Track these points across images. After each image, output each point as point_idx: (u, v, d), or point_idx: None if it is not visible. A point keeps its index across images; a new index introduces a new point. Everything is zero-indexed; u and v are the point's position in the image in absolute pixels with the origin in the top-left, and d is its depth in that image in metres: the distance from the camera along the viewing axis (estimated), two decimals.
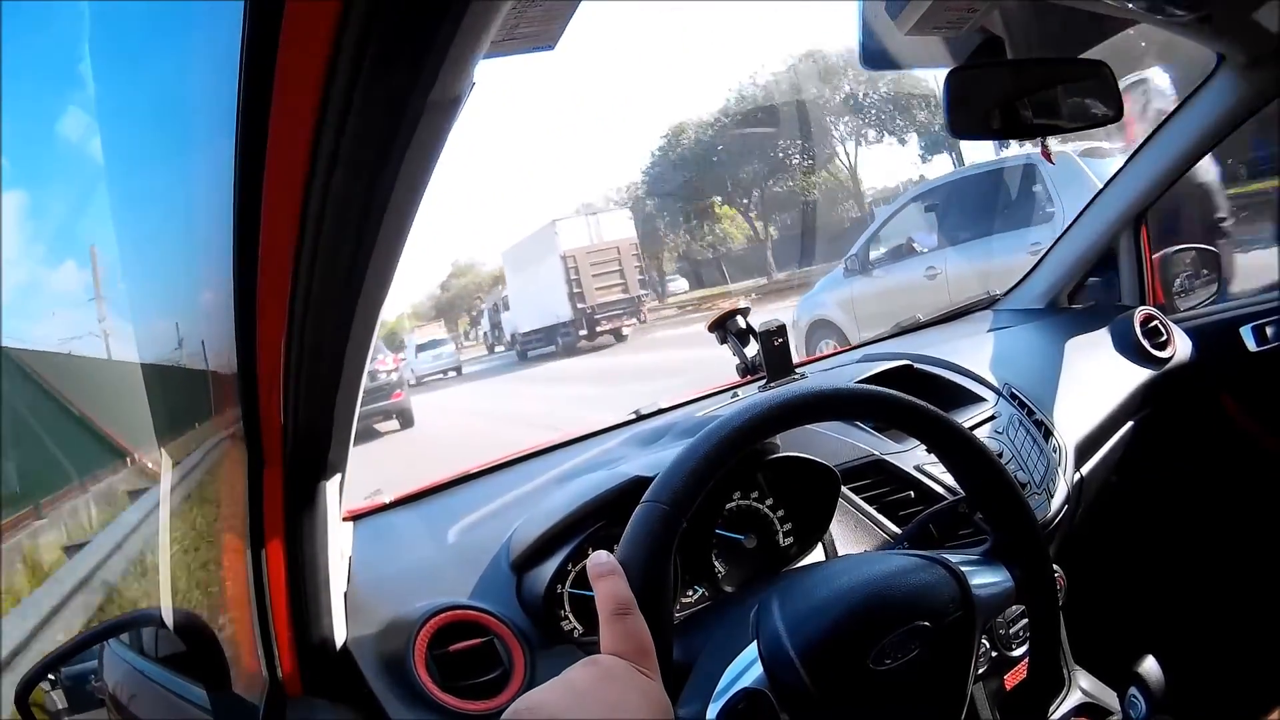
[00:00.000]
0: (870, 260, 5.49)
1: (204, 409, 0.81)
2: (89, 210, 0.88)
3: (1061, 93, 1.03)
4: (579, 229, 16.19)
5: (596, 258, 15.81)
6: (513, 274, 18.94)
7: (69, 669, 0.83)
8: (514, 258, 18.54)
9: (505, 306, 19.63)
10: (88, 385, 0.97)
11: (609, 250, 15.96)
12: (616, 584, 0.44)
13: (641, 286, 16.61)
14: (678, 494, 0.52)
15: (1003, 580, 0.62)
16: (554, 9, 0.62)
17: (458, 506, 0.93)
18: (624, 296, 15.87)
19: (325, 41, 0.33)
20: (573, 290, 15.56)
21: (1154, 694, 0.91)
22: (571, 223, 16.34)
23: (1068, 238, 1.51)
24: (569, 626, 0.77)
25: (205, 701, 0.75)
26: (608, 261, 15.87)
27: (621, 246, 16.19)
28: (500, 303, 20.34)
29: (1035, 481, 1.04)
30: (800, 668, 0.53)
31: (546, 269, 16.08)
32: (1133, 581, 1.42)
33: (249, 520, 0.65)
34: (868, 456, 0.98)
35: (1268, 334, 1.35)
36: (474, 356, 22.38)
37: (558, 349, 16.26)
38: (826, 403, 0.60)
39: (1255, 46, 1.13)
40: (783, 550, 0.86)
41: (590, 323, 15.52)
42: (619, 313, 15.77)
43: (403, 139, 0.37)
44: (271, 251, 0.44)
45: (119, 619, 0.93)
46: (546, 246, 16.21)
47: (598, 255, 15.83)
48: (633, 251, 16.38)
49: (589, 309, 15.49)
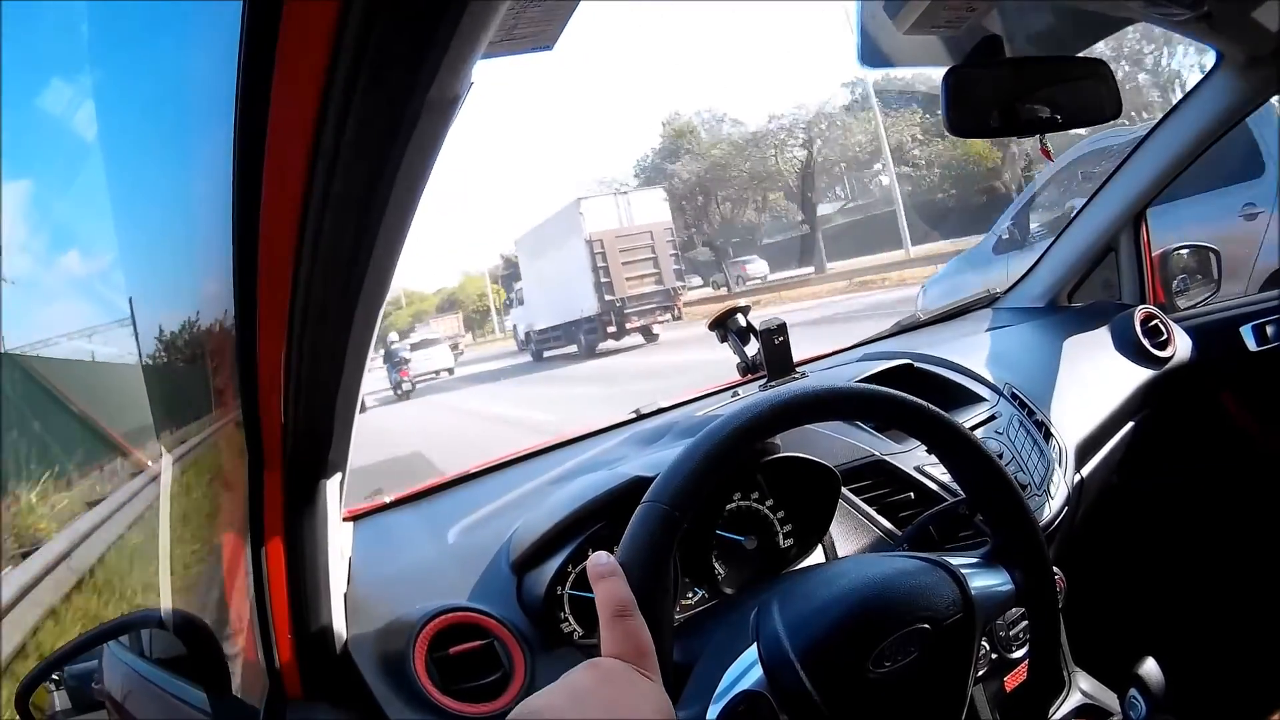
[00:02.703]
0: (1032, 231, 4.51)
1: (204, 409, 0.81)
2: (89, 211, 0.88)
3: (1060, 91, 1.03)
4: (607, 209, 14.24)
5: (627, 242, 13.93)
6: (528, 262, 17.04)
7: (69, 670, 0.83)
8: (531, 243, 16.58)
9: (519, 301, 17.81)
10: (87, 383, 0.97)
11: (641, 234, 14.06)
12: (617, 585, 0.44)
13: (677, 277, 14.62)
14: (678, 494, 0.52)
15: (1003, 583, 0.62)
16: (553, 9, 0.62)
17: (458, 507, 0.93)
18: (658, 288, 13.95)
19: (325, 41, 0.33)
20: (600, 280, 13.66)
21: (1154, 695, 0.91)
22: (599, 202, 14.39)
23: (1067, 236, 1.51)
24: (569, 629, 0.77)
25: (205, 704, 0.75)
26: (640, 247, 14.00)
27: (655, 230, 14.23)
28: (514, 296, 18.46)
29: (1035, 482, 1.04)
30: (800, 670, 0.53)
31: (568, 255, 14.24)
32: (1133, 583, 1.42)
33: (249, 520, 0.65)
34: (868, 457, 0.98)
35: (1268, 333, 1.35)
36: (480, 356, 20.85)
37: (580, 349, 14.48)
38: (828, 402, 0.60)
39: (1254, 45, 1.13)
40: (783, 551, 0.86)
41: (619, 318, 13.70)
42: (651, 307, 13.82)
43: (402, 138, 0.37)
44: (271, 251, 0.44)
45: (119, 620, 0.93)
46: (569, 229, 14.30)
47: (628, 240, 13.94)
48: (667, 237, 14.41)
49: (618, 302, 13.59)
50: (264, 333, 0.50)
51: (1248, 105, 1.22)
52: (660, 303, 13.86)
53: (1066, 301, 1.53)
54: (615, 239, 13.83)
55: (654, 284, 13.92)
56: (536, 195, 51.75)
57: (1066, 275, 1.51)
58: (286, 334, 0.50)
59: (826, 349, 1.39)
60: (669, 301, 14.00)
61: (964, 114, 1.00)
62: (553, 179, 46.35)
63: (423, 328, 27.42)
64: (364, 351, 0.53)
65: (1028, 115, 1.00)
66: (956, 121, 0.99)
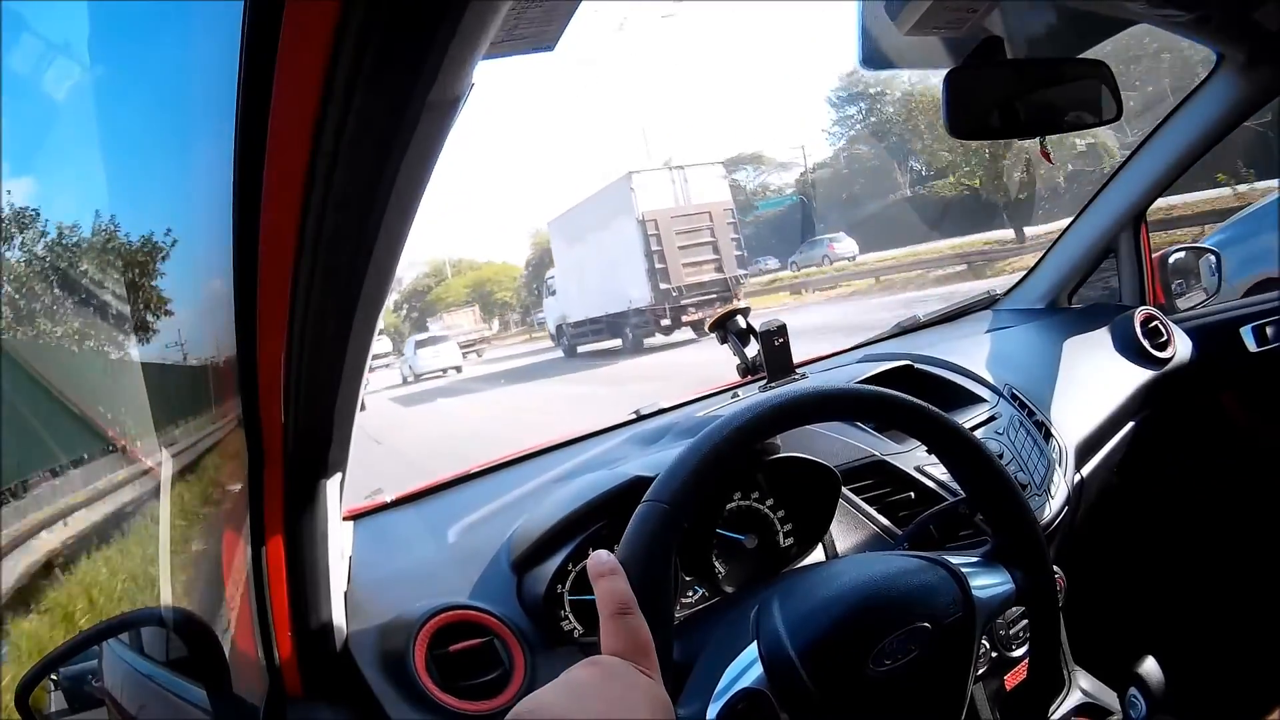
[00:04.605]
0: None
1: (204, 408, 0.81)
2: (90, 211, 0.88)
3: (1061, 92, 1.03)
4: (661, 185, 12.34)
5: (684, 224, 12.15)
6: (564, 248, 14.96)
7: (68, 669, 0.83)
8: (568, 226, 14.58)
9: (549, 291, 16.11)
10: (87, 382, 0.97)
11: (700, 215, 12.26)
12: (616, 583, 0.44)
13: (739, 264, 12.75)
14: (679, 493, 0.52)
15: (1003, 583, 0.62)
16: (553, 9, 0.61)
17: (458, 506, 0.93)
18: (717, 277, 12.24)
19: (325, 42, 0.33)
20: (654, 266, 11.90)
21: (1154, 694, 0.91)
22: (652, 177, 12.42)
23: (1068, 237, 1.51)
24: (569, 627, 0.77)
25: (205, 702, 0.75)
26: (698, 229, 12.22)
27: (714, 211, 12.41)
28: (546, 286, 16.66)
29: (1035, 482, 1.04)
30: (800, 668, 0.53)
31: (614, 238, 12.47)
32: (1133, 582, 1.42)
33: (249, 519, 0.65)
34: (868, 457, 0.98)
35: (1268, 334, 1.35)
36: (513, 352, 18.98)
37: (625, 344, 12.72)
38: (829, 403, 0.60)
39: (1254, 45, 1.13)
40: (783, 551, 0.86)
41: (675, 310, 12.00)
42: (710, 297, 11.96)
43: (402, 139, 0.37)
44: (271, 251, 0.44)
45: (119, 619, 0.93)
46: (617, 207, 12.45)
47: (686, 221, 12.16)
48: (728, 219, 12.57)
49: (674, 291, 11.85)
50: (264, 333, 0.50)
51: (1248, 105, 1.22)
52: (720, 293, 12.10)
53: (1067, 303, 1.53)
54: (671, 219, 12.11)
55: (713, 271, 12.27)
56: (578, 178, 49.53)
57: (1067, 276, 1.51)
58: (286, 334, 0.50)
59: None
60: (729, 292, 12.19)
61: (964, 115, 1.00)
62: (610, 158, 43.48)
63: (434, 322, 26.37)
64: (364, 351, 0.53)
65: (1028, 116, 1.00)
66: (956, 123, 0.99)
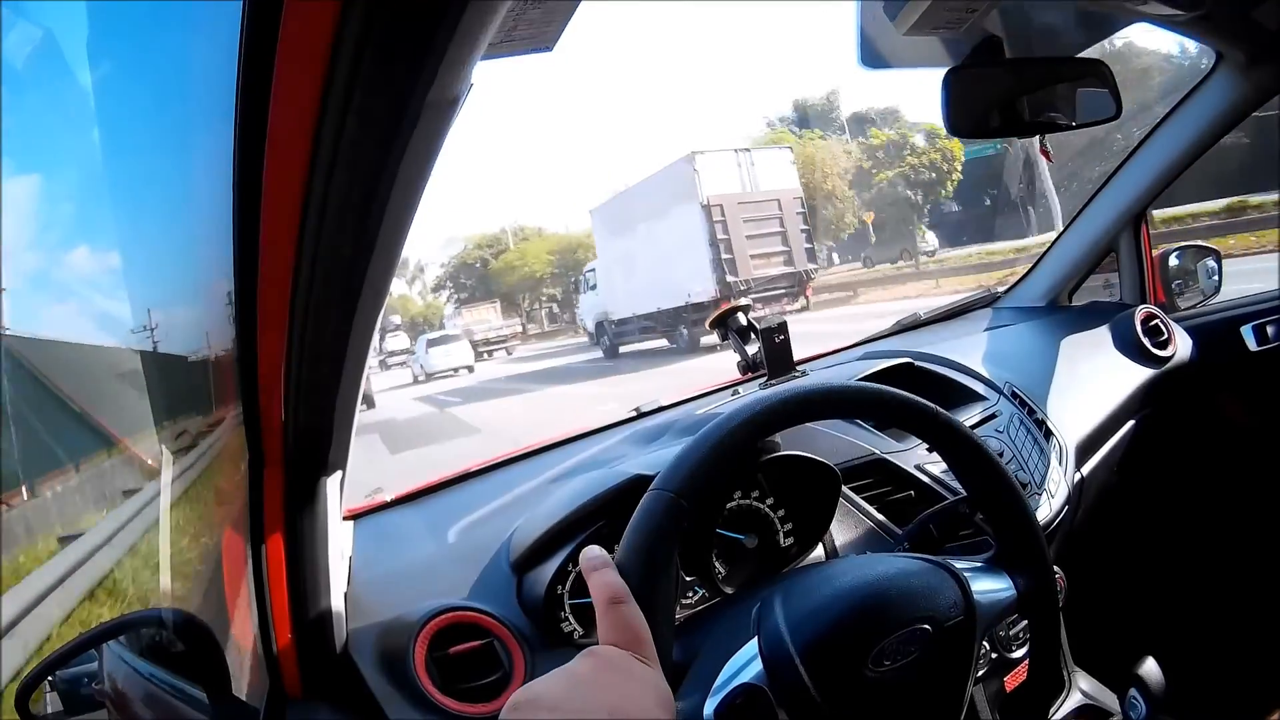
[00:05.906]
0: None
1: (205, 408, 0.81)
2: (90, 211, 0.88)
3: (1060, 91, 1.03)
4: (726, 168, 11.09)
5: (752, 211, 10.90)
6: (608, 239, 13.61)
7: (68, 671, 0.83)
8: (614, 213, 13.21)
9: (588, 285, 14.61)
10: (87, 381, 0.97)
11: (768, 202, 11.07)
12: (609, 575, 0.45)
13: (809, 257, 11.56)
14: (682, 483, 0.52)
15: (1005, 588, 0.62)
16: (553, 10, 0.61)
17: (458, 505, 0.93)
18: (786, 270, 11.04)
19: (325, 41, 0.33)
20: (719, 256, 10.64)
21: (1154, 695, 0.91)
22: (717, 158, 11.13)
23: (1068, 236, 1.51)
24: (569, 628, 0.77)
25: (205, 703, 0.75)
26: (767, 218, 11.02)
27: (783, 198, 11.24)
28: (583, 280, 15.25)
29: (1036, 481, 1.04)
30: (800, 666, 0.53)
31: (673, 225, 11.14)
32: (1133, 582, 1.41)
33: (249, 519, 0.65)
34: (868, 455, 0.98)
35: (1268, 333, 1.35)
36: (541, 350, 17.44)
37: (680, 343, 11.36)
38: (834, 400, 0.60)
39: (1254, 45, 1.13)
40: (783, 550, 0.86)
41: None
42: (779, 292, 10.86)
43: (401, 139, 0.37)
44: (271, 250, 0.44)
45: (119, 620, 0.93)
46: (677, 191, 11.07)
47: (754, 208, 10.93)
48: (797, 208, 11.37)
49: (741, 284, 10.52)
50: (264, 332, 0.50)
51: (1248, 105, 1.22)
52: (787, 288, 11.00)
53: (1067, 301, 1.53)
54: (738, 206, 10.85)
55: (782, 264, 11.07)
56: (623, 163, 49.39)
57: (1067, 275, 1.51)
58: (286, 334, 0.50)
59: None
60: (798, 287, 11.12)
61: (964, 115, 1.00)
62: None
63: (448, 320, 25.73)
64: (364, 351, 0.53)
65: (1028, 116, 1.01)
66: (956, 123, 0.99)
